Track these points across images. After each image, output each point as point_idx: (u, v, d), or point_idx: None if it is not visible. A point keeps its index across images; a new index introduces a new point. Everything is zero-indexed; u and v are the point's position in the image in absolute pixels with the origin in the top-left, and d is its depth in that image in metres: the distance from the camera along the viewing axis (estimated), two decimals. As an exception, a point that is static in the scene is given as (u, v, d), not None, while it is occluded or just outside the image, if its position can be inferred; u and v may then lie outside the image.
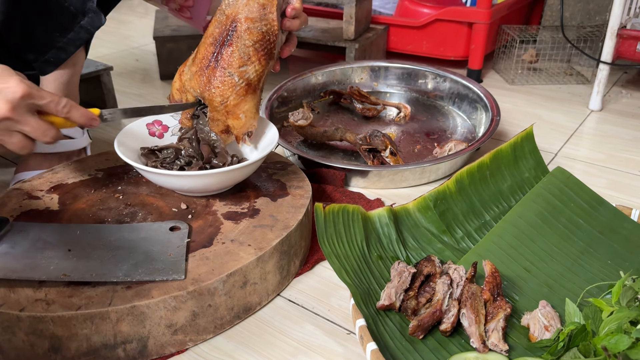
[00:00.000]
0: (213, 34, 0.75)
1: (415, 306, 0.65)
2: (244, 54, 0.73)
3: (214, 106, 0.75)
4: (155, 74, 1.59)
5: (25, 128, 0.62)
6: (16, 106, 0.60)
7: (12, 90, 0.60)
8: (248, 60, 0.74)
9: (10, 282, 0.61)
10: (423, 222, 0.81)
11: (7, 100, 0.59)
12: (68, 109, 0.65)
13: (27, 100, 0.61)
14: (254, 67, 0.75)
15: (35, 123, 0.62)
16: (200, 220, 0.74)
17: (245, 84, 0.75)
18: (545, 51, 1.63)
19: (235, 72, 0.74)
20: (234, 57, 0.73)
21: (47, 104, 0.63)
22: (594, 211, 0.83)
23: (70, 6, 0.80)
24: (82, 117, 0.66)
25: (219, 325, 0.66)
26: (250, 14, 0.73)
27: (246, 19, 0.73)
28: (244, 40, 0.73)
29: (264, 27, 0.74)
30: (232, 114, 0.76)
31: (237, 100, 0.75)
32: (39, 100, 0.62)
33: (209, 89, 0.75)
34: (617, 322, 0.57)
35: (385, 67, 1.37)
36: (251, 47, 0.74)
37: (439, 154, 1.05)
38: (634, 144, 1.18)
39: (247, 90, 0.75)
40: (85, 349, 0.59)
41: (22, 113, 0.61)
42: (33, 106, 0.62)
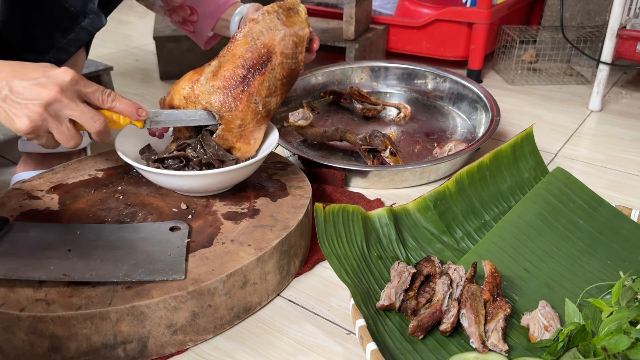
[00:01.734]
0: (244, 57, 0.76)
1: (415, 306, 0.65)
2: (273, 86, 0.77)
3: (230, 127, 0.76)
4: (155, 74, 1.59)
5: (74, 113, 0.62)
6: (65, 89, 0.60)
7: (62, 75, 0.61)
8: (274, 92, 0.77)
9: (10, 282, 0.61)
10: (423, 222, 0.81)
11: (56, 83, 0.60)
12: (114, 98, 0.66)
13: (76, 86, 0.62)
14: (276, 99, 0.78)
15: (84, 107, 0.62)
16: (200, 221, 0.74)
17: (266, 113, 0.78)
18: (545, 51, 1.63)
19: (261, 100, 0.76)
20: (264, 87, 0.76)
21: (93, 92, 0.64)
22: (593, 211, 0.83)
23: (71, 7, 0.80)
24: (128, 107, 0.66)
25: (218, 325, 0.66)
26: (285, 50, 0.77)
27: (281, 53, 0.77)
28: (276, 73, 0.77)
29: (293, 64, 0.78)
30: (244, 138, 0.77)
31: (254, 127, 0.77)
32: (87, 88, 0.63)
33: (231, 110, 0.75)
34: (617, 323, 0.57)
35: (385, 67, 1.37)
36: (280, 80, 0.77)
37: (438, 154, 1.05)
38: (633, 144, 1.18)
39: (265, 120, 0.78)
40: (85, 349, 0.59)
41: (71, 97, 0.61)
42: (81, 93, 0.63)
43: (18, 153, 0.94)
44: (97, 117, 0.63)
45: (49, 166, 0.92)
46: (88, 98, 0.64)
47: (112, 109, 0.66)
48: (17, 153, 0.94)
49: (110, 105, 0.65)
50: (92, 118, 0.63)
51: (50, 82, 0.60)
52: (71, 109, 0.61)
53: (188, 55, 1.49)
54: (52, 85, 0.60)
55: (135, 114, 0.67)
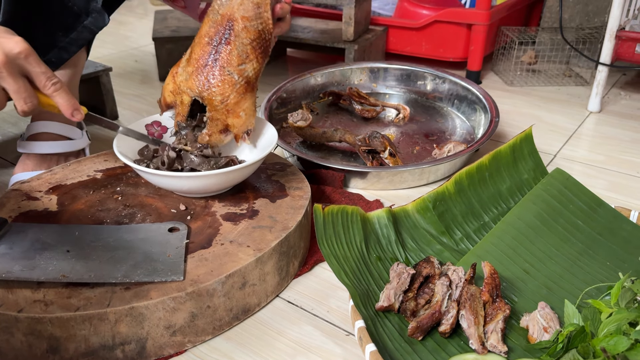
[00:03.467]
0: (208, 34, 0.75)
1: (414, 307, 0.65)
2: (243, 52, 0.74)
3: (213, 105, 0.75)
4: (154, 75, 1.59)
5: (9, 87, 0.60)
6: (10, 60, 0.59)
7: (12, 45, 0.59)
8: (247, 59, 0.74)
9: (8, 282, 0.61)
10: (422, 223, 0.81)
11: (3, 52, 0.58)
12: (57, 89, 0.63)
13: (23, 60, 0.60)
14: (252, 65, 0.75)
15: (22, 85, 0.60)
16: (199, 221, 0.74)
17: (245, 82, 0.75)
18: (544, 53, 1.63)
19: (234, 70, 0.74)
20: (233, 56, 0.74)
21: (39, 73, 0.62)
22: (593, 212, 0.83)
23: (74, 6, 0.80)
24: (66, 103, 0.64)
25: (217, 326, 0.66)
26: (245, 13, 0.73)
27: (242, 17, 0.73)
28: (242, 38, 0.74)
29: (260, 25, 0.74)
30: (232, 112, 0.76)
31: (237, 99, 0.75)
32: (35, 67, 0.61)
33: (209, 88, 0.74)
34: (616, 324, 0.57)
35: (385, 68, 1.37)
36: (249, 45, 0.74)
37: (438, 155, 1.05)
38: (633, 145, 1.18)
39: (246, 89, 0.76)
40: (83, 350, 0.59)
41: (13, 70, 0.59)
42: (26, 69, 0.61)
43: (17, 154, 0.94)
44: (29, 99, 0.61)
45: (47, 167, 0.92)
46: (31, 77, 0.62)
47: (52, 99, 0.64)
48: (16, 154, 0.94)
49: (50, 94, 0.63)
50: (24, 99, 0.61)
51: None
52: (7, 83, 0.60)
53: (187, 56, 1.48)
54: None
55: (70, 114, 0.65)
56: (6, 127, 1.24)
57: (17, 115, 1.29)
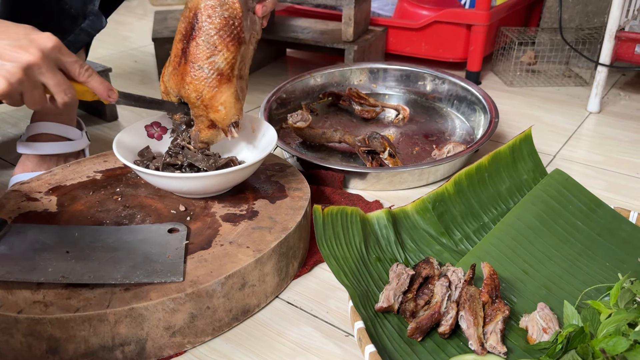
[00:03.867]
0: (180, 30, 0.74)
1: (413, 308, 0.65)
2: (210, 44, 0.72)
3: (192, 102, 0.75)
4: (154, 75, 1.59)
5: (49, 81, 0.62)
6: (46, 55, 0.60)
7: (45, 40, 0.60)
8: (215, 50, 0.72)
9: (8, 283, 0.61)
10: (421, 224, 0.81)
11: (39, 48, 0.60)
12: (90, 74, 0.66)
13: (57, 54, 0.62)
14: (222, 56, 0.72)
15: (61, 78, 0.63)
16: (198, 222, 0.74)
17: (217, 74, 0.73)
18: (543, 53, 1.63)
19: (204, 64, 0.72)
20: (200, 49, 0.72)
21: (72, 63, 0.64)
22: (592, 213, 0.83)
23: (70, 8, 0.80)
24: (101, 85, 0.67)
25: (217, 327, 0.66)
26: (209, 1, 0.71)
27: (205, 7, 0.71)
28: (207, 29, 0.71)
29: (225, 12, 0.71)
30: (210, 107, 0.75)
31: (211, 93, 0.74)
32: (67, 57, 0.63)
33: (183, 86, 0.74)
34: (616, 325, 0.57)
35: (384, 69, 1.37)
36: (215, 35, 0.71)
37: (437, 156, 1.05)
38: (632, 146, 1.18)
39: (219, 81, 0.73)
40: (83, 351, 0.59)
41: (50, 64, 0.61)
42: (60, 61, 0.63)
43: (16, 154, 0.94)
44: (69, 90, 0.64)
45: (47, 168, 0.92)
46: (65, 67, 0.64)
47: (87, 85, 0.66)
48: (16, 154, 0.94)
49: (85, 80, 0.66)
50: (64, 91, 0.63)
51: (32, 46, 0.59)
52: (47, 77, 0.61)
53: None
54: (33, 49, 0.59)
55: (106, 95, 0.68)
56: (6, 127, 1.24)
57: (17, 116, 1.29)
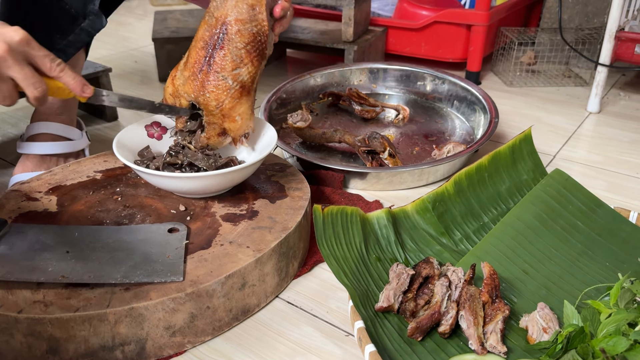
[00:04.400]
0: (203, 38, 0.75)
1: (413, 308, 0.65)
2: (237, 57, 0.73)
3: (209, 110, 0.75)
4: (154, 76, 1.59)
5: (17, 75, 0.60)
6: (13, 49, 0.59)
7: (12, 33, 0.59)
8: (241, 63, 0.74)
9: (8, 283, 0.61)
10: (421, 224, 0.81)
11: (4, 41, 0.58)
12: (62, 69, 0.64)
13: (25, 47, 0.60)
14: (247, 69, 0.74)
15: (28, 71, 0.61)
16: (198, 222, 0.74)
17: (240, 86, 0.75)
18: (543, 53, 1.63)
19: (228, 75, 0.74)
20: (227, 60, 0.73)
21: (42, 57, 0.62)
22: (592, 213, 0.83)
23: (71, 8, 0.80)
24: (74, 80, 0.65)
25: (217, 327, 0.66)
26: (239, 16, 0.72)
27: (236, 20, 0.72)
28: (236, 42, 0.73)
29: (255, 28, 0.73)
30: (228, 117, 0.76)
31: (232, 104, 0.75)
32: (36, 51, 0.62)
33: (204, 93, 0.74)
34: (616, 324, 0.57)
35: (384, 69, 1.37)
36: (243, 49, 0.73)
37: (437, 156, 1.05)
38: (632, 146, 1.18)
39: (241, 93, 0.75)
40: (83, 351, 0.59)
41: (17, 58, 0.60)
42: (29, 55, 0.61)
43: (16, 154, 0.94)
44: (38, 84, 0.62)
45: (47, 168, 0.92)
46: (35, 62, 0.62)
47: (59, 80, 0.65)
48: (16, 154, 0.94)
49: (57, 75, 0.64)
50: (33, 84, 0.62)
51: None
52: (14, 71, 0.60)
53: (187, 57, 1.48)
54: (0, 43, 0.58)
55: (80, 90, 0.66)
56: (6, 127, 1.24)
57: (17, 116, 1.29)
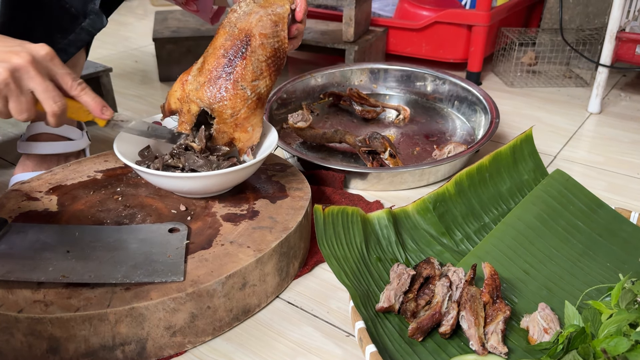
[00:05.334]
0: (224, 46, 0.75)
1: (414, 308, 0.65)
2: (257, 69, 0.75)
3: (223, 118, 0.76)
4: (154, 76, 1.59)
5: (38, 87, 0.60)
6: (37, 61, 0.60)
7: (38, 48, 0.60)
8: (260, 75, 0.75)
9: (8, 283, 0.60)
10: (422, 224, 0.81)
11: (29, 53, 0.59)
12: (83, 88, 0.64)
13: (48, 62, 0.61)
14: (265, 82, 0.76)
15: (50, 85, 0.61)
16: (199, 222, 0.74)
17: (257, 97, 0.76)
18: (544, 54, 1.63)
19: (248, 85, 0.75)
20: (248, 71, 0.74)
21: (64, 75, 0.63)
22: (593, 214, 0.83)
23: (71, 8, 0.80)
24: (94, 101, 0.65)
25: (217, 327, 0.66)
26: (263, 30, 0.75)
27: (260, 34, 0.74)
28: (258, 55, 0.75)
29: (276, 43, 0.76)
30: (240, 126, 0.77)
31: (247, 114, 0.76)
32: (59, 68, 0.62)
33: (220, 100, 0.75)
34: (617, 325, 0.57)
35: (385, 69, 1.37)
36: (264, 62, 0.75)
37: (438, 156, 1.05)
38: (633, 146, 1.18)
39: (257, 105, 0.77)
40: (83, 351, 0.59)
41: (39, 71, 0.60)
42: (51, 71, 0.62)
43: (17, 154, 0.94)
44: (58, 98, 0.62)
45: (47, 167, 0.92)
46: (57, 79, 0.62)
47: (78, 99, 0.65)
48: (16, 154, 0.94)
49: (77, 94, 0.64)
50: (53, 98, 0.61)
51: (23, 51, 0.59)
52: (36, 82, 0.60)
53: (188, 57, 1.49)
54: (24, 53, 0.59)
55: (99, 112, 0.66)
56: (6, 127, 1.24)
57: (17, 116, 1.29)
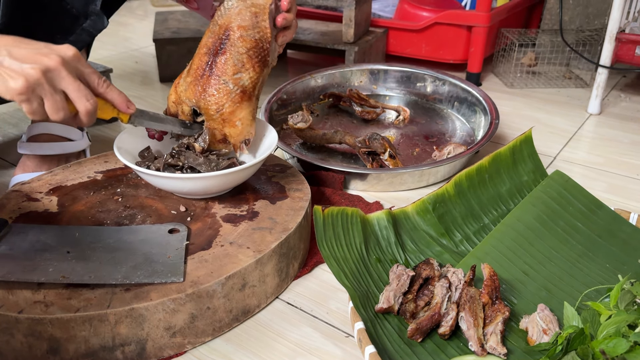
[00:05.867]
0: (207, 44, 0.76)
1: (413, 309, 0.65)
2: (238, 61, 0.74)
3: (209, 115, 0.76)
4: (154, 76, 1.59)
5: (69, 86, 0.62)
6: (67, 62, 0.61)
7: (65, 49, 0.62)
8: (242, 68, 0.75)
9: (8, 283, 0.61)
10: (422, 225, 0.81)
11: (59, 55, 0.61)
12: (108, 85, 0.67)
13: (77, 62, 0.63)
14: (248, 74, 0.75)
15: (81, 85, 0.63)
16: (199, 223, 0.74)
17: (240, 91, 0.75)
18: (544, 55, 1.63)
19: (229, 79, 0.74)
20: (228, 65, 0.74)
21: (90, 74, 0.65)
22: (592, 215, 0.83)
23: (72, 8, 0.81)
24: (119, 97, 0.68)
25: (217, 327, 0.66)
26: (242, 22, 0.74)
27: (239, 27, 0.74)
28: (238, 47, 0.74)
29: (257, 34, 0.75)
30: (228, 121, 0.76)
31: (232, 108, 0.75)
32: (86, 68, 0.64)
33: (204, 97, 0.75)
34: (616, 326, 0.57)
35: (385, 70, 1.37)
36: (245, 54, 0.75)
37: (438, 157, 1.05)
38: (632, 147, 1.18)
39: (242, 98, 0.76)
40: (83, 351, 0.59)
41: (70, 71, 0.62)
42: (79, 71, 0.64)
43: (17, 155, 0.94)
44: (90, 96, 0.64)
45: (48, 168, 0.92)
46: (84, 78, 0.65)
47: (105, 95, 0.67)
48: (16, 155, 0.94)
49: (103, 91, 0.66)
50: (85, 96, 0.63)
51: (52, 53, 0.61)
52: (68, 82, 0.62)
53: (188, 58, 1.46)
54: (54, 55, 0.61)
55: (125, 106, 0.69)
56: (7, 128, 1.24)
57: (17, 116, 1.29)
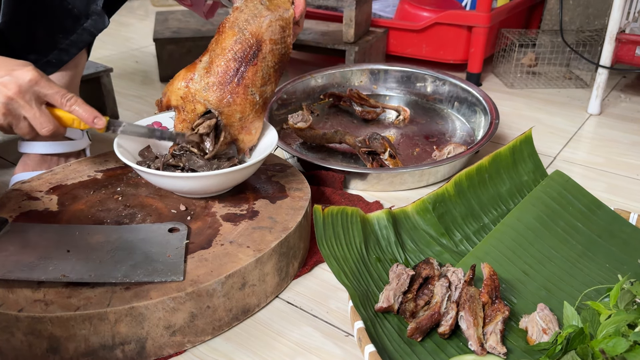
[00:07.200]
0: (233, 49, 0.75)
1: (413, 308, 0.65)
2: (266, 75, 0.76)
3: (231, 122, 0.77)
4: (155, 76, 1.60)
5: (27, 114, 0.65)
6: (23, 90, 0.63)
7: (23, 74, 0.63)
8: (268, 80, 0.77)
9: (8, 282, 0.61)
10: (422, 224, 0.81)
11: (17, 84, 0.62)
12: (73, 103, 0.67)
13: (35, 87, 0.64)
14: (271, 87, 0.78)
15: (36, 112, 0.65)
16: (199, 222, 0.74)
17: (263, 102, 0.78)
18: (544, 55, 1.64)
19: (257, 91, 0.76)
20: (258, 77, 0.76)
21: (53, 94, 0.66)
22: (592, 215, 0.83)
23: (73, 8, 0.81)
24: (86, 113, 0.68)
25: (217, 326, 0.66)
26: (273, 36, 0.76)
27: (270, 40, 0.76)
28: (267, 61, 0.76)
29: (283, 49, 0.77)
30: (246, 129, 0.78)
31: (254, 118, 0.78)
32: (47, 89, 0.65)
33: (229, 105, 0.76)
34: (615, 325, 0.57)
35: (385, 70, 1.37)
36: (272, 67, 0.77)
37: (438, 157, 1.05)
38: (632, 147, 1.18)
39: (263, 109, 0.79)
40: (83, 350, 0.59)
41: (28, 98, 0.63)
42: (40, 94, 0.65)
43: (17, 154, 0.94)
44: (46, 124, 0.66)
45: (48, 167, 0.92)
46: (48, 99, 0.66)
47: (72, 113, 0.68)
48: (17, 154, 0.94)
49: (69, 110, 0.68)
50: (41, 124, 0.66)
51: (11, 82, 0.63)
52: (25, 110, 0.64)
53: (188, 57, 1.49)
54: (12, 84, 0.63)
55: (91, 122, 0.69)
56: (7, 127, 1.24)
57: (18, 116, 1.29)
